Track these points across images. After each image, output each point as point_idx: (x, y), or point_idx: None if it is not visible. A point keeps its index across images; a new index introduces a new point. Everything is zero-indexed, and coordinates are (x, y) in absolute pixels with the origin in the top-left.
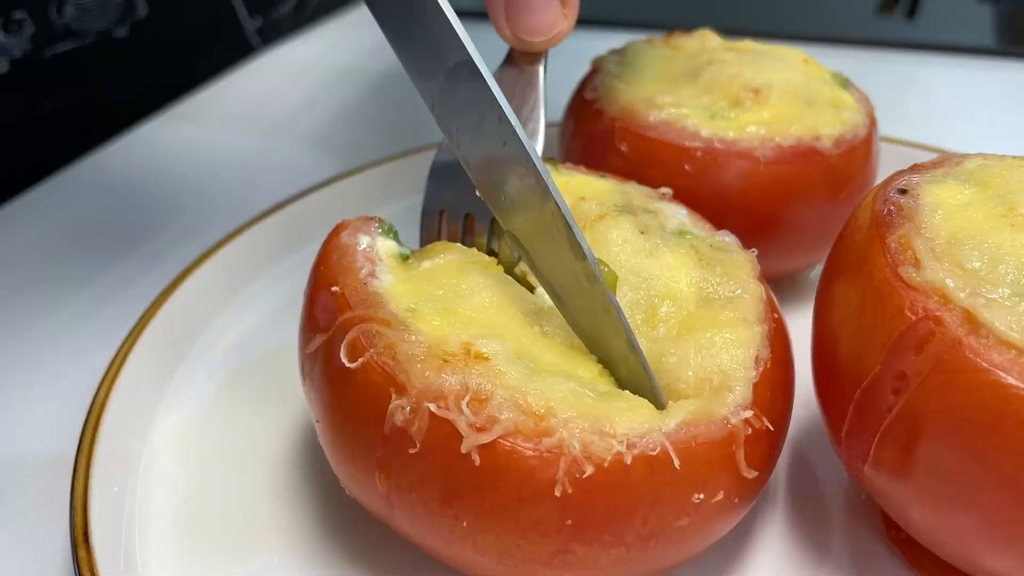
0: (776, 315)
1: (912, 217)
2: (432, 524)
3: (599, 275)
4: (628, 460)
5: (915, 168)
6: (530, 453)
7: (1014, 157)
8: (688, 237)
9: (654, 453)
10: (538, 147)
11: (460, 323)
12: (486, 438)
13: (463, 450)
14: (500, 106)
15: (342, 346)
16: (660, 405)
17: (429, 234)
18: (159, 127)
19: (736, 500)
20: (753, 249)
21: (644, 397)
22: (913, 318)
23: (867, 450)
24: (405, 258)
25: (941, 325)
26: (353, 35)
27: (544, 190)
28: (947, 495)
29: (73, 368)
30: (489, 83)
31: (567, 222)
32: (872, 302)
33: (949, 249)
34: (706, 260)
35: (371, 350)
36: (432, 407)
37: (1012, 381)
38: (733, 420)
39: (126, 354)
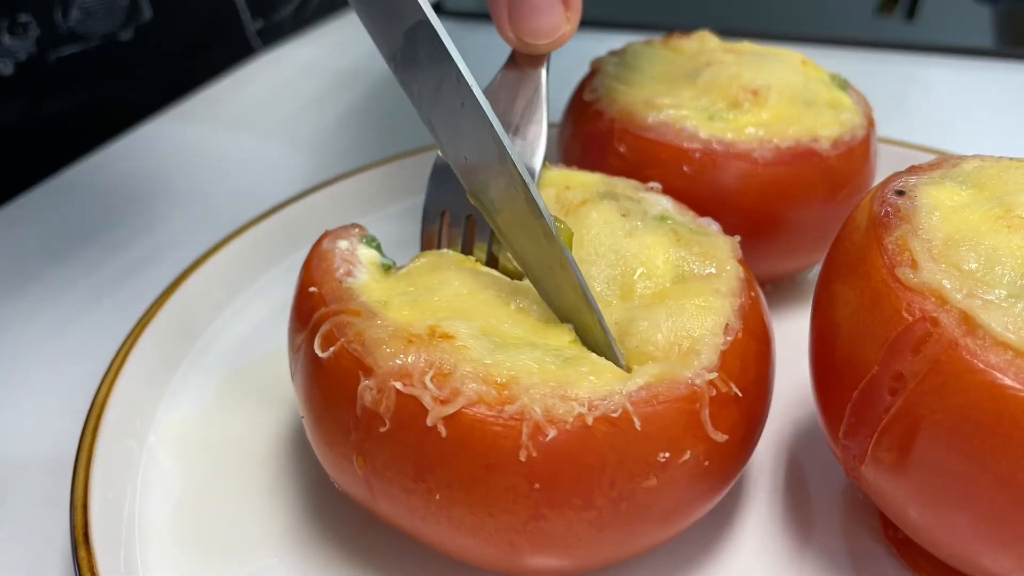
0: (753, 293)
1: (909, 218)
2: (409, 503)
3: (555, 231)
4: (590, 421)
5: (912, 170)
6: (493, 420)
7: (1011, 159)
8: (669, 222)
9: (615, 415)
10: (541, 149)
11: (429, 311)
12: (450, 409)
13: (429, 423)
14: (457, 66)
15: (316, 338)
16: (620, 365)
17: (429, 235)
18: (159, 128)
19: (706, 463)
20: (736, 236)
21: (609, 359)
22: (910, 319)
23: (864, 450)
24: (387, 268)
25: (938, 326)
26: (353, 37)
27: (501, 148)
28: (944, 495)
29: (73, 368)
30: (446, 44)
31: (523, 180)
32: (869, 303)
33: (946, 250)
34: (684, 241)
35: (342, 339)
36: (398, 385)
37: (1008, 382)
38: (697, 381)
39: (126, 354)
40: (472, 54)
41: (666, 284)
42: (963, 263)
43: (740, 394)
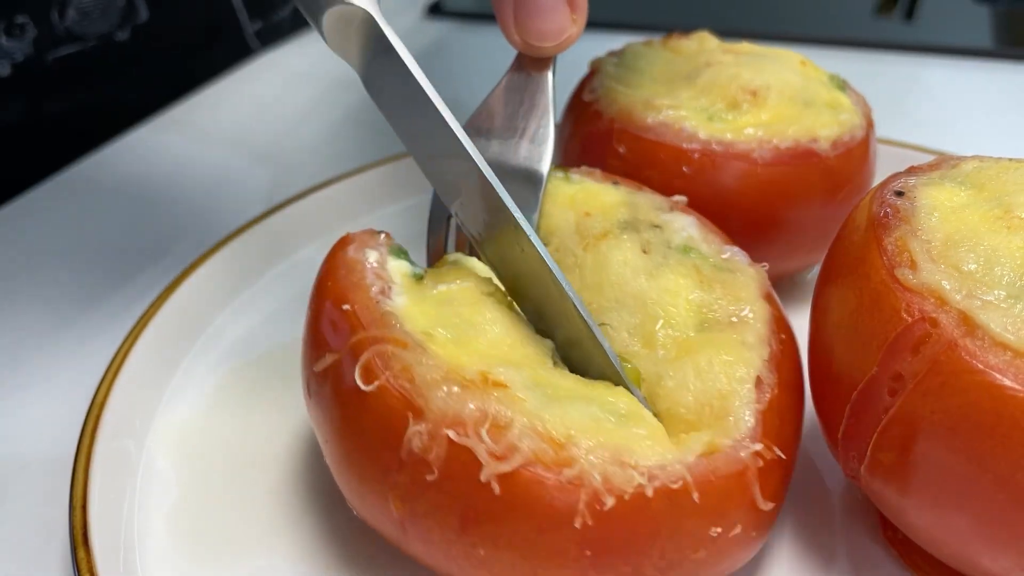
0: (783, 335)
1: (909, 219)
2: (448, 551)
3: (528, 227)
4: (649, 493)
5: (912, 170)
6: (551, 483)
7: (1010, 159)
8: (692, 255)
9: (675, 487)
10: (548, 154)
11: (476, 353)
12: (506, 467)
13: (482, 478)
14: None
15: (356, 368)
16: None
17: (436, 239)
18: (159, 128)
19: (753, 533)
20: (764, 264)
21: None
22: (909, 320)
23: (863, 451)
24: (419, 278)
25: (937, 327)
26: None
27: (466, 154)
28: (943, 496)
29: (72, 368)
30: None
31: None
32: (868, 304)
33: (945, 251)
34: (707, 282)
35: (387, 372)
36: (451, 434)
37: (1008, 383)
38: (743, 453)
39: (126, 354)
40: (471, 55)
41: (689, 332)
42: (962, 264)
43: (784, 457)
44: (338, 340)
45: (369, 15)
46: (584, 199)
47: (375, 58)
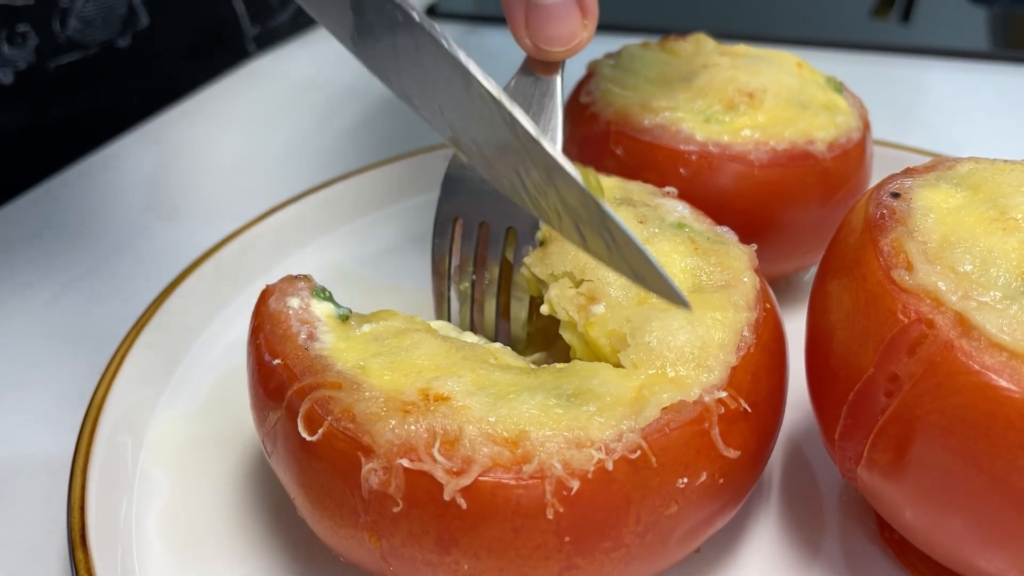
0: (768, 305)
1: (905, 220)
2: (435, 573)
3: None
4: (610, 466)
5: (908, 172)
6: (514, 483)
7: (1006, 161)
8: (686, 230)
9: (634, 456)
10: None
11: (413, 371)
12: (466, 480)
13: (446, 497)
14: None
15: (298, 420)
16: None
17: (442, 241)
18: (156, 129)
19: (721, 480)
20: (753, 244)
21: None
22: (905, 321)
23: (860, 451)
24: (345, 318)
25: (933, 328)
26: None
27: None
28: (939, 496)
29: (70, 369)
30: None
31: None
32: (865, 305)
33: (941, 252)
34: (702, 250)
35: (328, 417)
36: (405, 463)
37: (1003, 383)
38: (706, 399)
39: (123, 355)
40: (469, 56)
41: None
42: (958, 265)
43: (749, 409)
44: (277, 397)
45: None
46: None
47: (366, 11)
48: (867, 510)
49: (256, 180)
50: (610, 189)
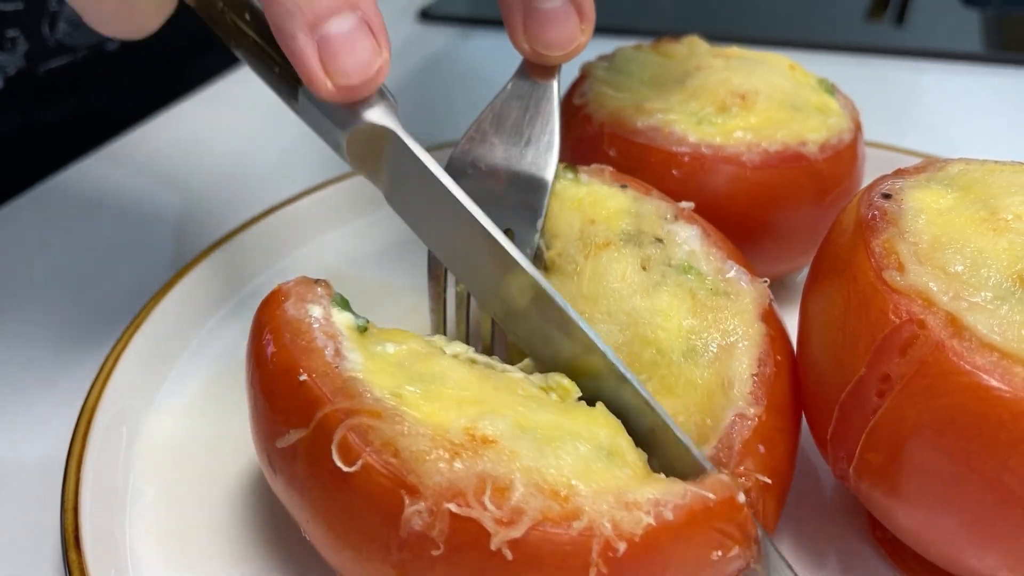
0: (779, 357)
1: (896, 221)
2: None
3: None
4: (656, 531)
5: (899, 173)
6: (562, 539)
7: (996, 162)
8: (691, 276)
9: (679, 520)
10: (553, 161)
11: (452, 405)
12: (516, 532)
13: (493, 547)
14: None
15: (333, 447)
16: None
17: (436, 268)
18: (153, 131)
19: (749, 552)
20: (765, 279)
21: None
22: (897, 321)
23: (852, 452)
24: (364, 330)
25: (924, 328)
26: None
27: (503, 251)
28: (931, 496)
29: (64, 371)
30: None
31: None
32: (856, 305)
33: (932, 253)
34: (700, 308)
35: (368, 448)
36: (453, 507)
37: (994, 383)
38: (730, 479)
39: (117, 357)
40: (462, 59)
41: (674, 357)
42: (949, 265)
43: (770, 481)
44: (301, 415)
45: (392, 132)
46: (591, 204)
47: (399, 172)
48: (859, 510)
49: (251, 182)
50: (620, 216)
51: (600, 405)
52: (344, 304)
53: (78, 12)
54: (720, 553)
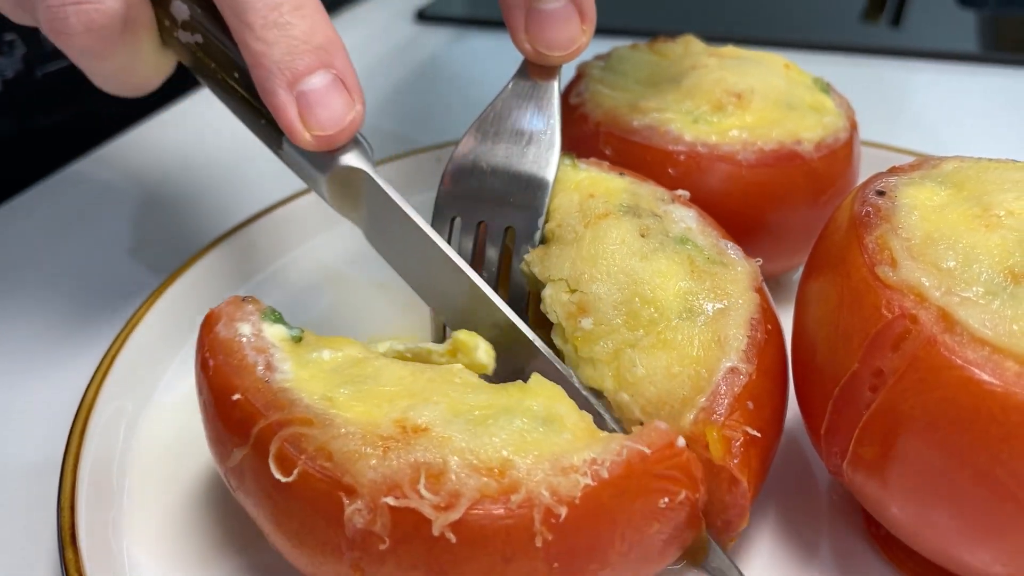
0: (769, 326)
1: (889, 218)
2: None
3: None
4: (594, 490)
5: (893, 170)
6: (503, 513)
7: (989, 159)
8: (688, 246)
9: (617, 476)
10: (554, 160)
11: (384, 401)
12: (455, 515)
13: (435, 533)
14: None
15: (270, 461)
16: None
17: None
18: (148, 132)
19: (697, 495)
20: (757, 260)
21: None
22: (889, 316)
23: (846, 447)
24: (298, 340)
25: (917, 323)
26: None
27: (478, 291)
28: (924, 490)
29: (61, 371)
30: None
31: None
32: (850, 301)
33: (925, 249)
34: (698, 272)
35: (302, 456)
36: (390, 501)
37: (986, 378)
38: (689, 423)
39: (114, 356)
40: (459, 60)
41: (671, 318)
42: (942, 261)
43: (759, 434)
44: (240, 433)
45: (365, 173)
46: (590, 184)
47: (374, 210)
48: (854, 506)
49: (248, 182)
50: (618, 193)
51: (535, 375)
52: (276, 317)
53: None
54: (667, 500)
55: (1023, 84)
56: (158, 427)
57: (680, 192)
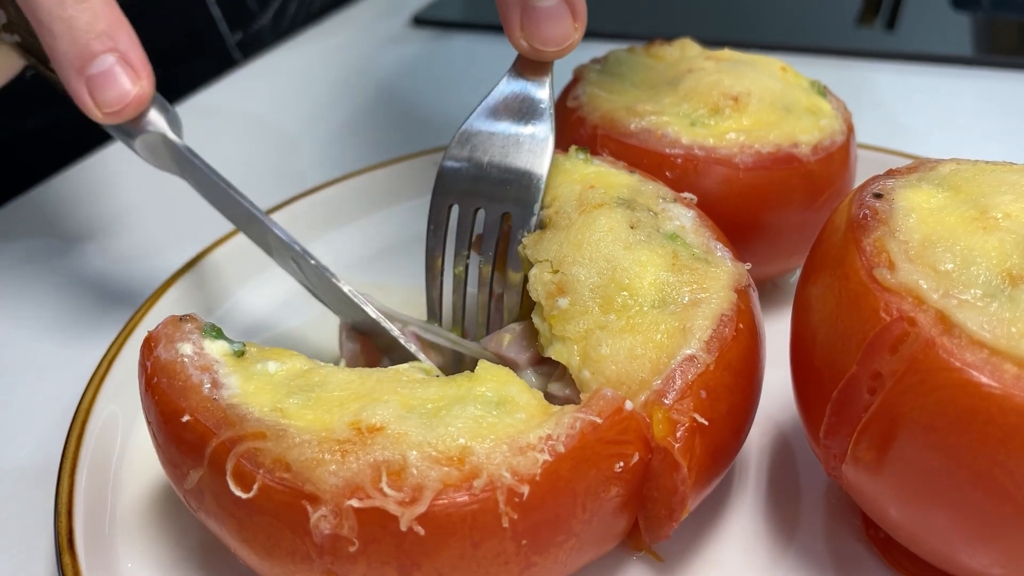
0: (742, 325)
1: (887, 220)
2: None
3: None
4: (553, 465)
5: (890, 173)
6: (467, 500)
7: (986, 162)
8: (676, 242)
9: (573, 448)
10: (548, 155)
11: (335, 406)
12: (421, 508)
13: (403, 528)
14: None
15: (228, 479)
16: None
17: (435, 240)
18: None
19: (648, 453)
20: (747, 264)
21: None
22: (888, 319)
23: (844, 449)
24: (241, 353)
25: (915, 326)
26: (335, 44)
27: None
28: (923, 492)
29: (58, 375)
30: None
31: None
32: (848, 304)
33: (923, 251)
34: (680, 266)
35: (260, 470)
36: (354, 503)
37: (984, 380)
38: (641, 397)
39: (111, 360)
40: (454, 63)
41: (644, 306)
42: (939, 264)
43: (706, 423)
44: (194, 454)
45: (164, 136)
46: (596, 176)
47: (183, 166)
48: (853, 508)
49: (244, 185)
50: (619, 187)
51: (482, 362)
52: (217, 333)
53: None
54: (622, 464)
55: (1017, 87)
56: None
57: (687, 195)
